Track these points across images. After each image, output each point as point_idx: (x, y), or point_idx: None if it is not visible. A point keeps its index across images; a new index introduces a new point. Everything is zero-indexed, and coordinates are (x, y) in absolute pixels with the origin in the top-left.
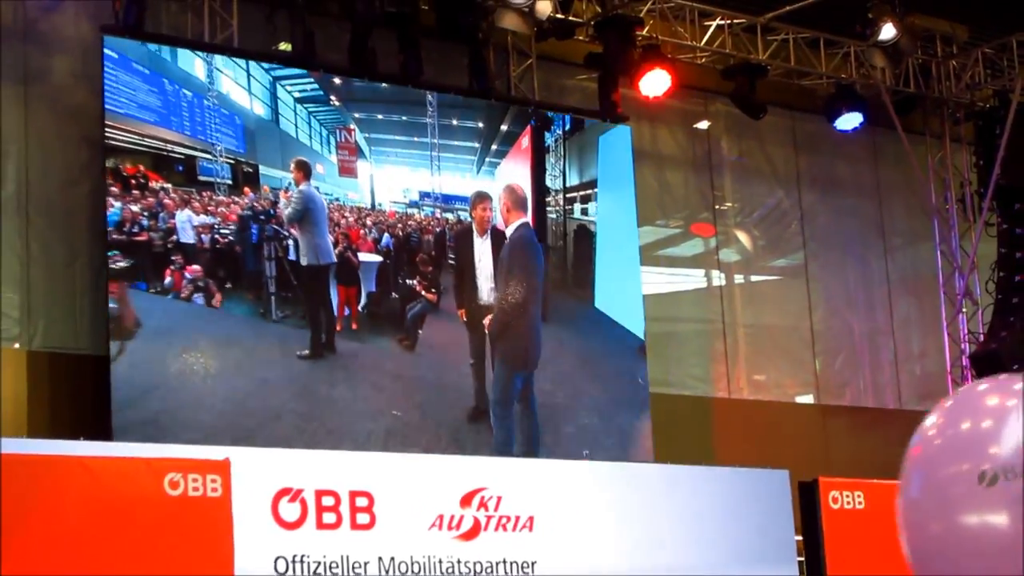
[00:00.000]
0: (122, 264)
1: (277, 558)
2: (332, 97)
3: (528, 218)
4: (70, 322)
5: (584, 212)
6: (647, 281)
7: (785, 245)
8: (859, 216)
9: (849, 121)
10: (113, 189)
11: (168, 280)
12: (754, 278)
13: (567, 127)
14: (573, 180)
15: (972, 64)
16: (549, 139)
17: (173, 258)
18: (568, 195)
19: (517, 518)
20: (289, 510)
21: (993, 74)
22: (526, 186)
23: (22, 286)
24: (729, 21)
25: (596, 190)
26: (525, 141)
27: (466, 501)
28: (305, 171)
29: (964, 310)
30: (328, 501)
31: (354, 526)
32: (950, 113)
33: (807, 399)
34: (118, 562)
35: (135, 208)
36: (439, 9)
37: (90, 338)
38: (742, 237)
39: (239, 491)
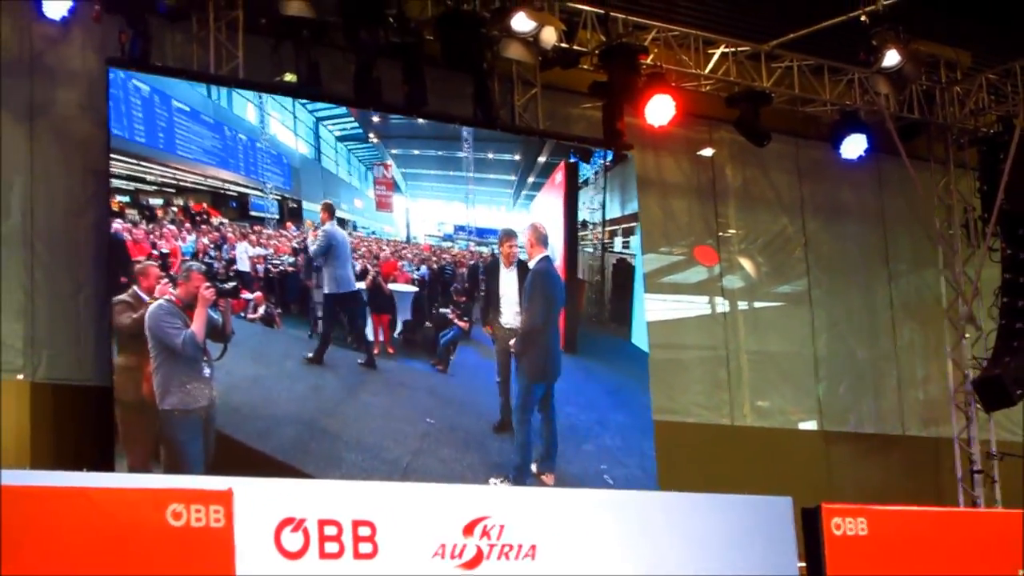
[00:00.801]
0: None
1: None
2: (371, 135)
3: (549, 252)
4: (74, 353)
5: (625, 245)
6: (651, 308)
7: (789, 272)
8: (863, 242)
9: (854, 148)
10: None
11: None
12: (758, 304)
13: (609, 159)
14: (613, 213)
15: (976, 90)
16: (588, 171)
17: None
18: (607, 228)
19: (520, 547)
20: (292, 540)
21: (997, 100)
22: (557, 221)
23: (26, 317)
24: (733, 49)
25: (639, 223)
26: (559, 176)
27: (468, 530)
28: (330, 212)
29: (967, 336)
30: (331, 531)
31: (357, 555)
32: (954, 139)
33: (811, 425)
34: None
35: (205, 240)
36: (443, 39)
37: (94, 369)
38: (746, 264)
39: (242, 521)
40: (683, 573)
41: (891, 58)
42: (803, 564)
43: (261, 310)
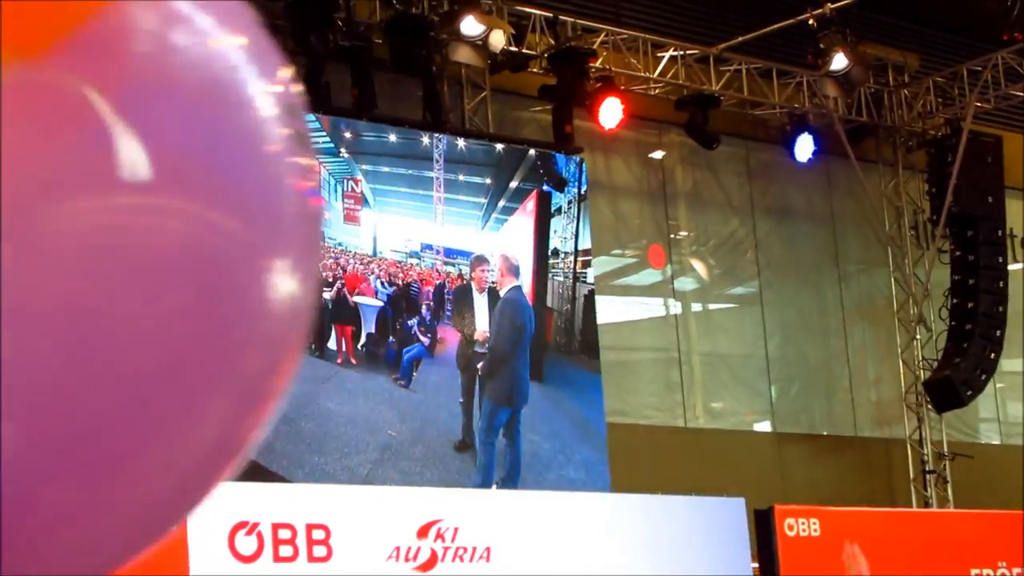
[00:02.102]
0: None
1: None
2: (342, 150)
3: (519, 282)
4: None
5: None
6: (602, 311)
7: (740, 273)
8: (813, 244)
9: (804, 149)
10: None
11: None
12: (709, 307)
13: (582, 188)
14: (585, 243)
15: (924, 93)
16: (562, 200)
17: None
18: (579, 258)
19: (474, 549)
20: (245, 543)
21: (944, 102)
22: (527, 247)
23: None
24: (682, 52)
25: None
26: (531, 204)
27: (423, 533)
28: None
29: (918, 337)
30: (285, 534)
31: (311, 559)
32: (902, 141)
33: (763, 427)
34: None
35: None
36: (392, 43)
37: None
38: (697, 266)
39: (195, 525)
40: (637, 574)
41: (839, 61)
42: (756, 565)
43: None
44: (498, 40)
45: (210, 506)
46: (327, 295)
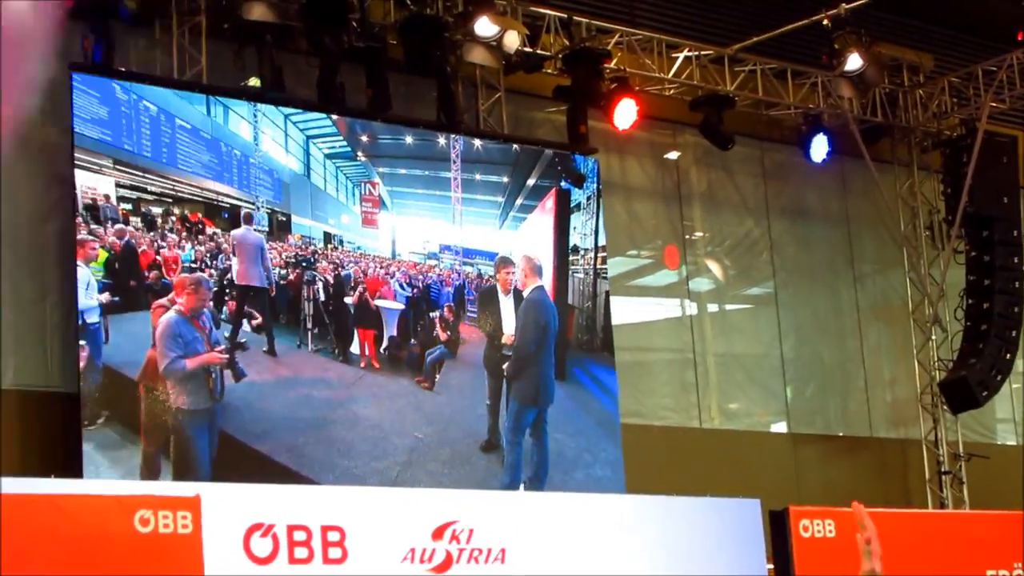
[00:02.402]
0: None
1: None
2: (359, 153)
3: (542, 282)
4: (41, 360)
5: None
6: (618, 311)
7: (755, 274)
8: (828, 245)
9: (819, 149)
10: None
11: (226, 310)
12: (725, 307)
13: (600, 185)
14: (604, 239)
15: (939, 93)
16: (580, 196)
17: (229, 291)
18: (599, 255)
19: (489, 550)
20: (261, 545)
21: (959, 103)
22: (547, 245)
23: None
24: (696, 53)
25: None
26: (550, 202)
27: (438, 534)
28: (247, 219)
29: (934, 337)
30: (300, 536)
31: (326, 560)
32: (917, 142)
33: (778, 428)
34: None
35: (202, 249)
36: (407, 44)
37: (61, 376)
38: (712, 267)
39: (211, 527)
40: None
41: (854, 62)
42: (771, 566)
43: (256, 322)
44: (512, 41)
45: (225, 509)
46: (349, 300)
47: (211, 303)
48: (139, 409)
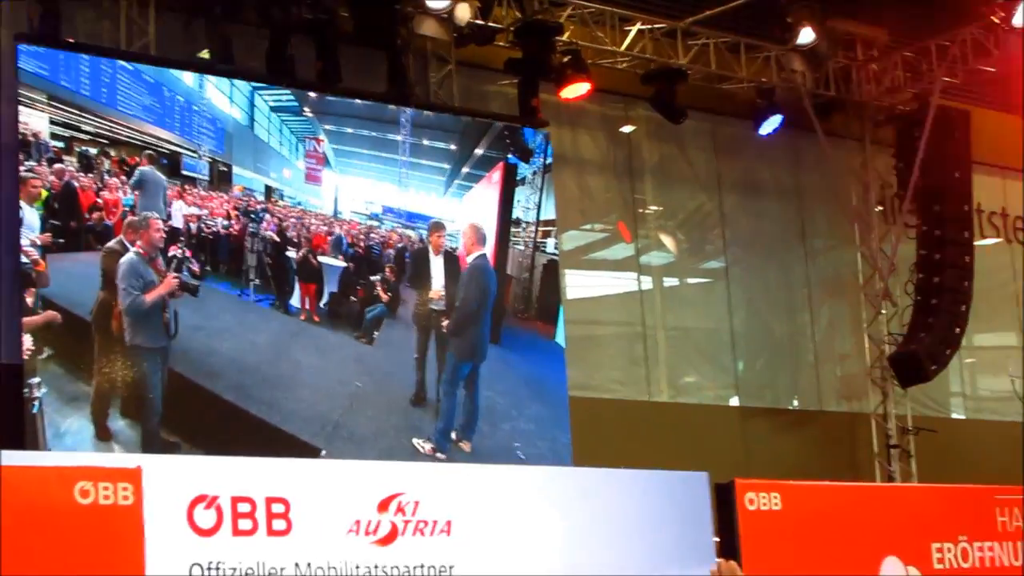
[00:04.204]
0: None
1: (192, 565)
2: (305, 109)
3: (485, 250)
4: None
5: (557, 247)
6: (570, 285)
7: (707, 248)
8: (780, 219)
9: (768, 123)
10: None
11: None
12: (676, 281)
13: (547, 160)
14: (548, 214)
15: (892, 68)
16: (527, 170)
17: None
18: (541, 228)
19: (435, 523)
20: (204, 517)
21: (913, 77)
22: (491, 216)
23: None
24: (649, 26)
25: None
26: (496, 175)
27: (383, 506)
28: (150, 159)
29: (884, 311)
30: (244, 508)
31: (271, 532)
32: (870, 116)
33: (728, 402)
34: (28, 572)
35: (137, 193)
36: (357, 15)
37: (4, 346)
38: (665, 241)
39: (154, 499)
40: (598, 548)
41: (806, 36)
42: (718, 539)
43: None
44: (464, 13)
45: (168, 480)
46: (293, 255)
47: (174, 284)
48: (90, 347)
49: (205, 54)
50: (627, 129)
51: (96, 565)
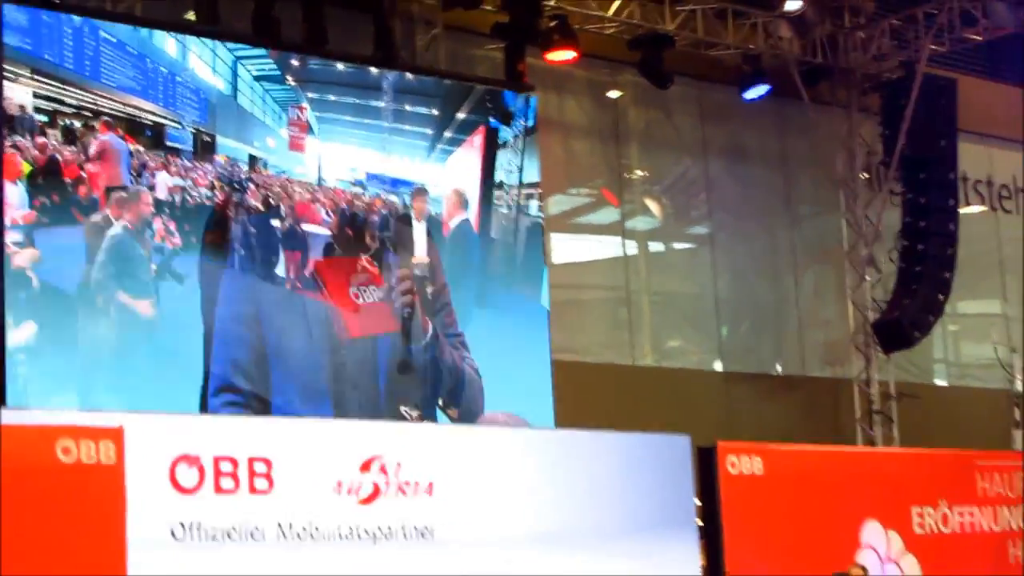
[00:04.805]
0: None
1: (174, 524)
2: (288, 77)
3: (468, 215)
4: None
5: (541, 210)
6: (555, 249)
7: (692, 214)
8: (766, 186)
9: (754, 89)
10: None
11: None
12: (661, 246)
13: (530, 122)
14: (531, 177)
15: (879, 35)
16: (508, 134)
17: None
18: (524, 191)
19: (417, 483)
20: (187, 476)
21: (899, 45)
22: (474, 181)
23: None
24: None
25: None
26: (478, 139)
27: (366, 467)
28: (107, 127)
29: (868, 278)
30: (226, 467)
31: (252, 491)
32: (857, 84)
33: (712, 366)
34: (9, 530)
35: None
36: None
37: None
38: (650, 206)
39: (136, 458)
40: (579, 509)
41: (794, 2)
42: (699, 502)
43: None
44: None
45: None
46: (276, 223)
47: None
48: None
49: (191, 16)
50: (614, 94)
51: (78, 523)
